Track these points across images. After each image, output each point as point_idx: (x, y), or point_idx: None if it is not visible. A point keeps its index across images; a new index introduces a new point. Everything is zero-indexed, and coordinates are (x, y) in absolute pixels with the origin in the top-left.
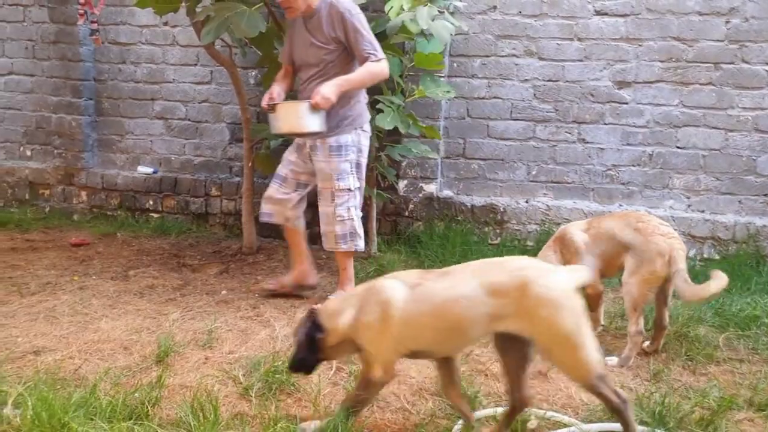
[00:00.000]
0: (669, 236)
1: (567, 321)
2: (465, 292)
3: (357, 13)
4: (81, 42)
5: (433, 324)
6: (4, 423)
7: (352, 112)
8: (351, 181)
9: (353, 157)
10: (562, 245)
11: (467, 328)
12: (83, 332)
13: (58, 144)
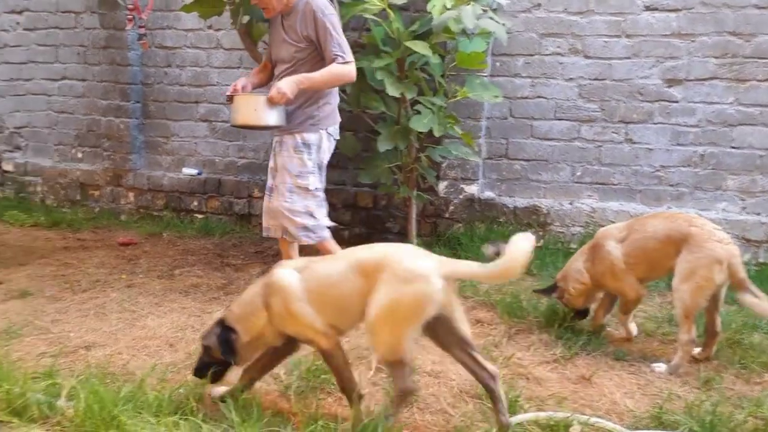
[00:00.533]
0: (725, 242)
1: (404, 304)
2: (338, 272)
3: (329, 14)
4: (129, 47)
5: (323, 300)
6: (59, 414)
7: (319, 113)
8: (311, 180)
9: (316, 156)
10: (594, 253)
11: (348, 305)
12: (131, 329)
13: (107, 146)
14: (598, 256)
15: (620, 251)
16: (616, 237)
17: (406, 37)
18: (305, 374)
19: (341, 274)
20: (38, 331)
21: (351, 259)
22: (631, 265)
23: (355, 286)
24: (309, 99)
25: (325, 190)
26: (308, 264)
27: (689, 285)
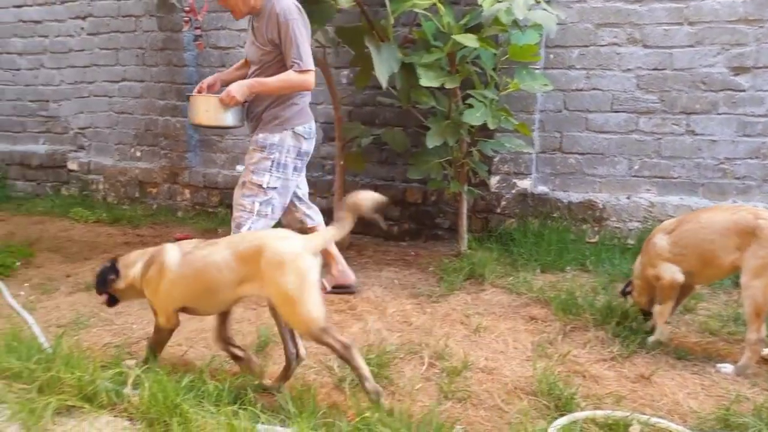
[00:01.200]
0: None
1: (290, 281)
2: (217, 260)
3: (293, 19)
4: (185, 48)
5: (194, 285)
6: (125, 401)
7: (284, 113)
8: (266, 179)
9: (276, 156)
10: (644, 247)
11: (219, 291)
12: (189, 321)
13: (164, 145)
14: (645, 249)
15: (666, 242)
16: (666, 229)
17: (457, 30)
18: None
19: (221, 262)
20: (103, 323)
21: (231, 248)
22: (678, 256)
23: (233, 272)
24: (276, 100)
25: (374, 186)
26: (196, 247)
27: (762, 281)
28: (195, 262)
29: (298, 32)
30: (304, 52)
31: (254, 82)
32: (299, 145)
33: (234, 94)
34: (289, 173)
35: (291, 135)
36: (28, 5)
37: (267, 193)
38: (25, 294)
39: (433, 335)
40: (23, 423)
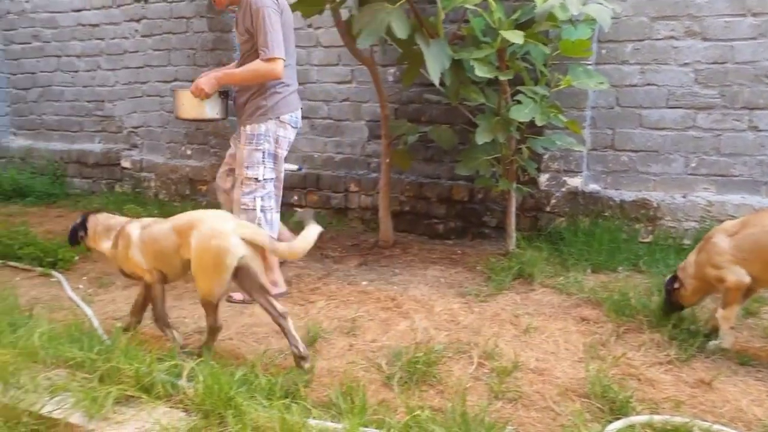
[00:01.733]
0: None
1: (208, 256)
2: (164, 231)
3: (264, 6)
4: (234, 48)
5: (151, 252)
6: (180, 393)
7: (267, 102)
8: (260, 171)
9: (266, 146)
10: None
11: (170, 257)
12: (239, 316)
13: (213, 143)
14: (704, 248)
15: (728, 244)
16: (728, 231)
17: (507, 26)
18: (407, 366)
19: (165, 234)
20: None
21: (172, 222)
22: (741, 261)
23: (173, 242)
24: (257, 90)
25: (419, 184)
26: (151, 224)
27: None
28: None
29: (268, 20)
30: (272, 39)
31: (221, 73)
32: (286, 134)
33: (202, 86)
34: (280, 164)
35: (277, 123)
36: (86, 9)
37: (265, 186)
38: (84, 287)
39: (482, 335)
40: (86, 411)
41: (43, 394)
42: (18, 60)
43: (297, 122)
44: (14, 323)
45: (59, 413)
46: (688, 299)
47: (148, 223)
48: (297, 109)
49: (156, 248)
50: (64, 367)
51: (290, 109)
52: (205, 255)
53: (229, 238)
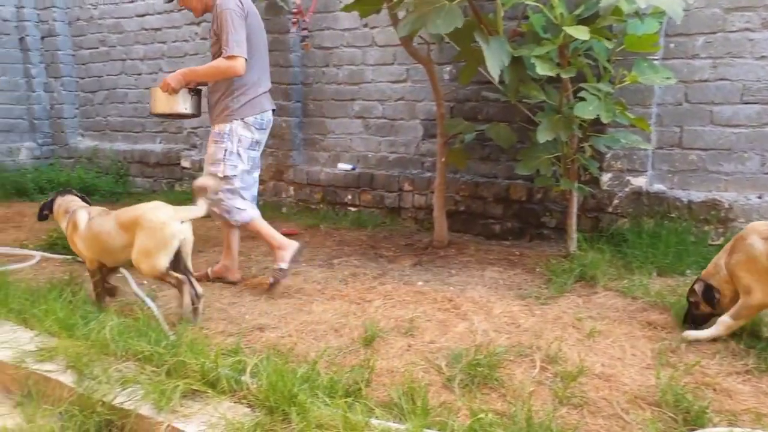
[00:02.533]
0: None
1: (152, 240)
2: (107, 228)
3: (227, 9)
4: (291, 49)
5: (92, 245)
6: (244, 388)
7: (233, 104)
8: (221, 168)
9: (228, 145)
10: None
11: (113, 251)
12: (298, 313)
13: (271, 144)
14: (739, 249)
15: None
16: (762, 233)
17: (570, 22)
18: (467, 368)
19: (109, 228)
20: (218, 312)
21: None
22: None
23: (117, 236)
24: (225, 91)
25: (475, 183)
26: (100, 214)
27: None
28: (93, 228)
29: (230, 21)
30: (233, 39)
31: (187, 71)
32: (251, 135)
33: (169, 81)
34: (244, 162)
35: (241, 125)
36: (149, 14)
37: (230, 182)
38: (148, 283)
39: (544, 338)
40: (155, 403)
41: (114, 385)
42: (86, 64)
43: (262, 123)
44: (86, 316)
45: (130, 404)
46: (726, 306)
47: (96, 214)
48: (264, 111)
49: (98, 240)
50: (133, 360)
51: (255, 112)
52: (152, 240)
53: (173, 223)
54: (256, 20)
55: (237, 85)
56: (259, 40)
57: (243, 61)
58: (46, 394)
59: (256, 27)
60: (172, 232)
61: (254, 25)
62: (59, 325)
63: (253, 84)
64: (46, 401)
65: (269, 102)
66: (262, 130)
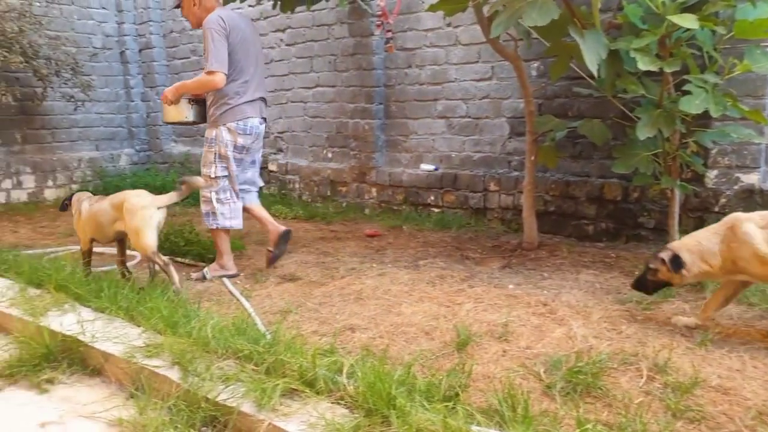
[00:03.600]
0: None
1: (135, 221)
2: (102, 208)
3: (208, 28)
4: (374, 51)
5: (91, 225)
6: (341, 389)
7: (217, 111)
8: (212, 170)
9: (217, 149)
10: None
11: (104, 226)
12: (387, 315)
13: (353, 146)
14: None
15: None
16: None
17: (673, 11)
18: (568, 375)
19: (103, 207)
20: (309, 312)
21: (110, 199)
22: None
23: (107, 213)
24: (213, 101)
25: (566, 182)
26: (98, 200)
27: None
28: (91, 210)
29: (210, 38)
30: (213, 56)
31: (179, 84)
32: (235, 140)
33: (166, 93)
34: (232, 165)
35: (225, 130)
36: None
37: (218, 182)
38: (241, 282)
39: (649, 346)
40: (256, 401)
41: (216, 382)
42: (179, 74)
43: (246, 129)
44: (187, 314)
45: (232, 402)
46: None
47: (94, 201)
48: (248, 118)
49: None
50: (233, 358)
51: (237, 118)
52: (137, 220)
53: (150, 207)
54: (242, 35)
55: (220, 95)
56: (246, 53)
57: (221, 75)
58: (155, 389)
59: (243, 42)
60: (150, 213)
61: (240, 41)
62: (164, 322)
63: (236, 94)
64: (156, 395)
65: (253, 110)
66: (246, 135)
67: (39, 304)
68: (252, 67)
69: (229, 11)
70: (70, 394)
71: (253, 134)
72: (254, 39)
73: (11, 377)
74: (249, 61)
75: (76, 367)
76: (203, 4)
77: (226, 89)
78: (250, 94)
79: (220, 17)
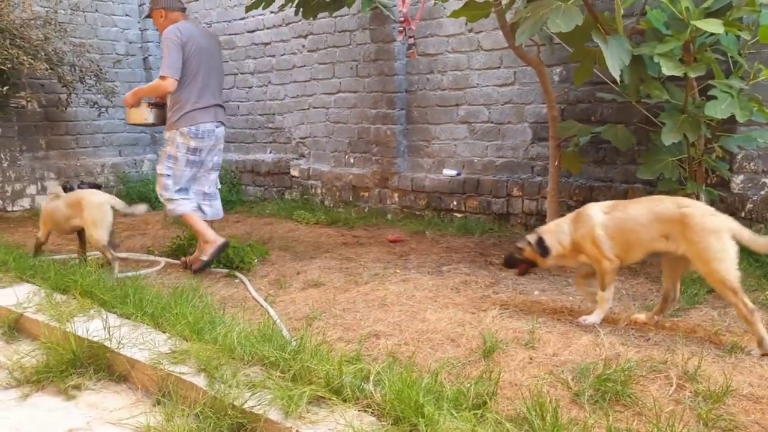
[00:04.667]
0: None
1: (90, 216)
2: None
3: (165, 37)
4: (396, 57)
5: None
6: (368, 397)
7: (173, 117)
8: (162, 168)
9: (169, 149)
10: (578, 216)
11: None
12: (412, 321)
13: (375, 152)
14: (580, 220)
15: (603, 219)
16: (602, 208)
17: (697, 16)
18: (596, 383)
19: (59, 206)
20: (333, 318)
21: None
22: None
23: (63, 211)
24: (169, 106)
25: (589, 188)
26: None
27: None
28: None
29: (166, 47)
30: (165, 62)
31: (136, 88)
32: (187, 143)
33: (126, 97)
34: (180, 165)
35: (179, 134)
36: (259, 29)
37: (165, 179)
38: (265, 288)
39: (678, 353)
40: (283, 408)
41: (243, 389)
42: None
43: (198, 133)
44: (212, 321)
45: (259, 409)
46: (543, 263)
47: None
48: (200, 123)
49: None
50: (259, 365)
51: (188, 123)
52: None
53: (105, 205)
54: (197, 47)
55: (174, 101)
56: (202, 63)
57: (172, 81)
58: (181, 395)
59: (198, 52)
60: (107, 210)
61: (195, 51)
62: (189, 328)
63: (188, 101)
64: (182, 402)
65: (206, 116)
66: (198, 138)
67: (65, 310)
68: (207, 77)
69: (189, 24)
70: (96, 400)
71: (206, 137)
72: (212, 51)
73: (39, 383)
74: (204, 71)
75: (102, 373)
76: (168, 17)
77: (182, 96)
78: (204, 101)
79: (178, 29)
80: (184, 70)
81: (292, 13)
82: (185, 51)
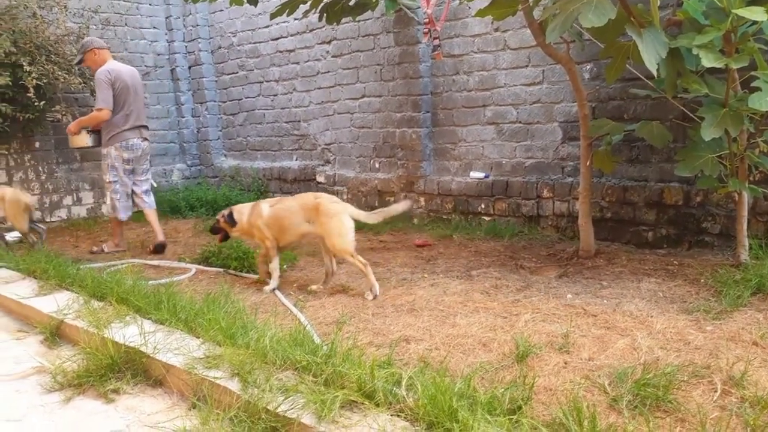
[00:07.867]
0: None
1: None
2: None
3: (97, 78)
4: (420, 59)
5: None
6: (400, 401)
7: (106, 136)
8: (107, 177)
9: (109, 161)
10: (256, 209)
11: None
12: (442, 326)
13: (400, 156)
14: (255, 211)
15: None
16: (269, 202)
17: (738, 4)
18: (635, 388)
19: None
20: (363, 323)
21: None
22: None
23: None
24: (104, 128)
25: (623, 188)
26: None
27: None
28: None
29: (99, 85)
30: (99, 97)
31: (79, 119)
32: (121, 155)
33: (70, 127)
34: (120, 172)
35: (113, 149)
36: (283, 37)
37: (111, 186)
38: (294, 294)
39: (722, 358)
40: (316, 413)
41: (276, 393)
42: (227, 89)
43: (128, 147)
44: (244, 326)
45: (292, 413)
46: (231, 232)
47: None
48: (128, 139)
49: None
50: (292, 369)
51: (120, 141)
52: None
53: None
54: (123, 82)
55: (109, 124)
56: (127, 94)
57: (107, 111)
58: (215, 399)
59: (125, 87)
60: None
61: (122, 86)
62: (222, 333)
63: (118, 124)
64: (217, 406)
65: (133, 134)
66: (129, 150)
67: (102, 316)
68: (132, 105)
69: (116, 65)
70: (134, 403)
71: (134, 150)
72: (134, 83)
73: (80, 387)
74: (130, 100)
75: (139, 377)
76: (100, 58)
77: (113, 120)
78: (131, 123)
79: (107, 70)
80: (115, 101)
81: (316, 19)
82: (114, 87)
